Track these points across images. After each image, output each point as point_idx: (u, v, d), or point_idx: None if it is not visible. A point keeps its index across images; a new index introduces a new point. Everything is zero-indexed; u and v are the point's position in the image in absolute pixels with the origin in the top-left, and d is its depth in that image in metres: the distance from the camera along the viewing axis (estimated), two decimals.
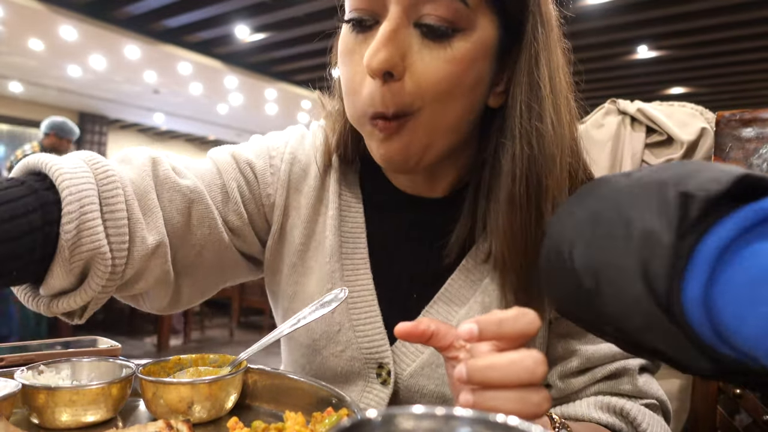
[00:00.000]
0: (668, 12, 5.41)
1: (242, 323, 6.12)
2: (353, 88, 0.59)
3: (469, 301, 0.67)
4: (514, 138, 0.59)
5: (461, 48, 0.56)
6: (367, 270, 0.70)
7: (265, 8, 5.67)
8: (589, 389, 0.66)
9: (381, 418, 0.26)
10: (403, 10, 0.55)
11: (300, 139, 0.76)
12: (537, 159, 0.59)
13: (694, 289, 0.30)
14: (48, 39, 6.49)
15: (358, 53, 0.58)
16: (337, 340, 0.69)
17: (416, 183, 0.70)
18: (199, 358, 0.64)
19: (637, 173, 0.37)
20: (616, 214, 0.34)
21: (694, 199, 0.31)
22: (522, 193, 0.59)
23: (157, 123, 11.23)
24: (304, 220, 0.72)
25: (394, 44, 0.55)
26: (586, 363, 0.65)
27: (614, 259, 0.33)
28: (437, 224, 0.69)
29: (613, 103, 1.36)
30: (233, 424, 0.52)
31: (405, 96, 0.56)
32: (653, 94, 7.97)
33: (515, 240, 0.60)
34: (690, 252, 0.30)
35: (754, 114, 0.84)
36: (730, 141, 0.85)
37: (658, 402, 0.66)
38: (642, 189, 0.34)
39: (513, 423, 0.25)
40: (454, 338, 0.47)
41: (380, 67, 0.54)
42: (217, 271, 0.72)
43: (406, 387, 0.67)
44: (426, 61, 0.56)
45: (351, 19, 0.58)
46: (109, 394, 0.55)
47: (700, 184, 0.31)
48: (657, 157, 1.26)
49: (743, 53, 6.46)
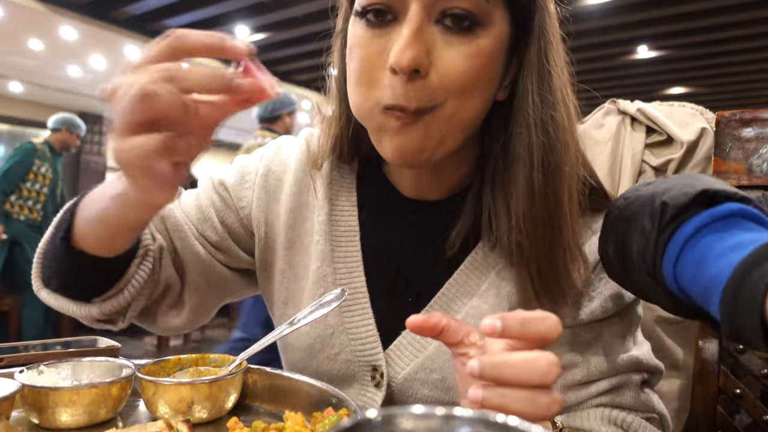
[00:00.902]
0: (668, 12, 5.41)
1: None
2: (367, 80, 0.58)
3: (466, 306, 0.67)
4: (529, 127, 0.59)
5: (483, 42, 0.56)
6: (360, 273, 0.70)
7: (265, 8, 5.66)
8: (592, 401, 0.66)
9: (381, 418, 0.26)
10: (426, 7, 0.55)
11: (275, 151, 0.78)
12: (554, 146, 0.59)
13: (668, 265, 0.48)
14: (48, 39, 6.48)
15: (373, 47, 0.57)
16: (332, 343, 0.69)
17: (420, 182, 0.70)
18: (199, 358, 0.64)
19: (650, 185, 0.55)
20: (632, 213, 0.54)
21: (668, 207, 0.49)
22: (540, 180, 0.59)
23: None
24: (284, 226, 0.73)
25: (421, 41, 0.54)
26: (589, 375, 0.65)
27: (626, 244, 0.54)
28: (435, 227, 0.68)
29: (613, 103, 1.36)
30: (233, 424, 0.52)
31: (430, 92, 0.56)
32: (653, 94, 7.97)
33: (536, 227, 0.60)
34: (666, 242, 0.48)
35: (754, 114, 0.84)
36: (730, 141, 0.85)
37: (658, 416, 0.67)
38: (646, 200, 0.53)
39: (513, 423, 0.25)
40: (465, 335, 0.47)
41: (409, 65, 0.54)
42: (209, 289, 0.76)
43: (400, 390, 0.67)
44: (450, 56, 0.56)
45: (367, 11, 0.57)
46: (109, 394, 0.55)
47: (674, 197, 0.49)
48: (657, 157, 1.25)
49: (743, 53, 6.46)
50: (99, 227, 0.57)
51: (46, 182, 4.27)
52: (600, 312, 0.66)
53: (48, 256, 0.63)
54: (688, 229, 0.47)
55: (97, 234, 0.58)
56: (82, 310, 0.64)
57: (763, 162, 0.82)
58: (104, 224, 0.57)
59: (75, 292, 0.64)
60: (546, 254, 0.61)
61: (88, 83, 8.26)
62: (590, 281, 0.67)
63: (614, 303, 0.66)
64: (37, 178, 4.22)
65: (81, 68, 7.52)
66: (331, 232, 0.71)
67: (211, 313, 0.79)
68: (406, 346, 0.67)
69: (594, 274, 0.67)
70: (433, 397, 0.66)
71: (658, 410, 0.67)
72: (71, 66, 7.48)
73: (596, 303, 0.66)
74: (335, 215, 0.72)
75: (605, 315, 0.66)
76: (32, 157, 4.17)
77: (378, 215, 0.72)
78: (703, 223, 0.46)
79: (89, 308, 0.64)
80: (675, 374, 1.15)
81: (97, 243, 0.59)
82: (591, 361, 0.65)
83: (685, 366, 1.13)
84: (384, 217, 0.72)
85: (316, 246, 0.71)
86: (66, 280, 0.63)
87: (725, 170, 0.85)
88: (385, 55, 0.56)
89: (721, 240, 0.44)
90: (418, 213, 0.71)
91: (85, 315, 0.64)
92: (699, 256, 0.45)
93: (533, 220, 0.60)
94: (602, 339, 0.67)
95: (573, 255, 0.62)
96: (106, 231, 0.58)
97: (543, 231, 0.60)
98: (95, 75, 7.76)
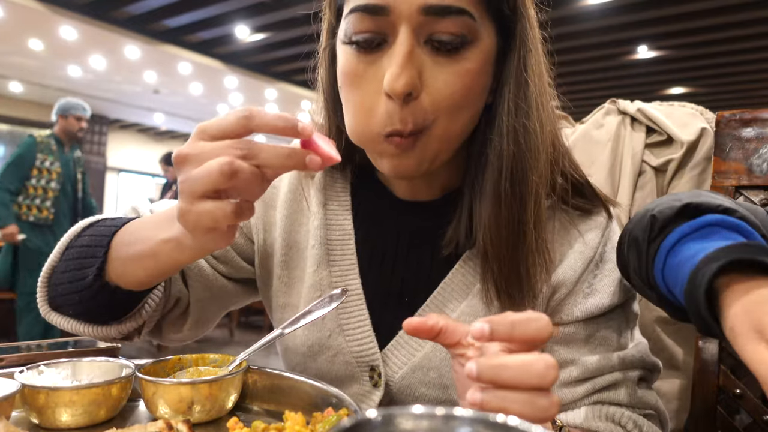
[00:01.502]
0: (668, 12, 5.41)
1: (242, 323, 6.12)
2: (365, 110, 0.59)
3: (461, 305, 0.67)
4: (502, 135, 0.61)
5: (471, 59, 0.57)
6: (355, 275, 0.70)
7: (265, 8, 5.66)
8: (588, 398, 0.66)
9: (381, 418, 0.26)
10: (414, 30, 0.55)
11: None
12: (524, 155, 0.60)
13: (657, 271, 0.55)
14: (48, 39, 6.49)
15: (368, 75, 0.58)
16: (329, 345, 0.70)
17: (415, 187, 0.71)
18: (199, 358, 0.64)
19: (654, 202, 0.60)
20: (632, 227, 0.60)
21: (657, 219, 0.56)
22: (507, 188, 0.60)
23: (157, 123, 11.22)
24: (281, 232, 0.74)
25: (412, 65, 0.55)
26: (585, 372, 0.65)
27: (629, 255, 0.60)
28: (429, 227, 0.69)
29: (613, 103, 1.36)
30: (233, 424, 0.52)
31: (422, 112, 0.57)
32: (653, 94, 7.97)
33: (499, 232, 0.61)
34: (655, 251, 0.55)
35: (754, 114, 0.84)
36: (730, 141, 0.85)
37: (656, 413, 0.67)
38: (642, 214, 0.59)
39: (513, 423, 0.25)
40: (463, 335, 0.47)
41: (404, 90, 0.55)
42: (211, 301, 0.77)
43: (398, 389, 0.68)
44: (440, 77, 0.57)
45: (357, 41, 0.58)
46: (109, 394, 0.55)
47: (661, 210, 0.56)
48: (657, 157, 1.25)
49: (743, 53, 6.46)
50: (144, 268, 0.59)
51: (53, 177, 3.87)
52: (596, 309, 0.66)
53: (65, 286, 0.64)
54: (671, 238, 0.53)
55: (138, 274, 0.60)
56: (99, 332, 0.66)
57: (763, 162, 0.82)
58: (151, 266, 0.58)
59: (93, 318, 0.66)
60: (509, 258, 0.62)
61: (88, 83, 8.26)
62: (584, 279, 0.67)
63: (611, 300, 0.67)
64: (42, 173, 3.83)
65: (81, 68, 7.53)
66: (326, 236, 0.72)
67: (212, 323, 0.81)
68: (403, 346, 0.68)
69: (588, 271, 0.67)
70: (430, 395, 0.67)
71: (655, 407, 0.67)
72: (71, 66, 7.48)
73: (593, 300, 0.66)
74: (329, 220, 0.73)
75: (601, 312, 0.66)
76: (34, 150, 3.80)
77: (372, 218, 0.73)
78: (684, 233, 0.52)
79: (107, 330, 0.67)
80: (675, 374, 1.15)
81: (136, 281, 0.61)
82: (587, 359, 0.66)
83: (685, 366, 1.13)
84: (378, 220, 0.73)
85: (312, 251, 0.72)
86: (87, 308, 0.64)
87: (725, 170, 0.85)
88: (378, 81, 0.57)
89: (698, 246, 0.50)
90: (412, 214, 0.71)
91: (103, 336, 0.67)
92: (678, 260, 0.51)
93: (498, 224, 0.61)
94: (598, 336, 0.67)
95: (535, 260, 0.62)
96: (154, 271, 0.59)
97: (507, 235, 0.61)
98: (95, 75, 7.76)
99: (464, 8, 0.55)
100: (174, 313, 0.75)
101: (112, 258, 0.61)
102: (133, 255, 0.59)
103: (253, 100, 8.82)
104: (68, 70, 7.62)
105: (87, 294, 0.62)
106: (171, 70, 7.37)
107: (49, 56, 7.10)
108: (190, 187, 0.47)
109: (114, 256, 0.61)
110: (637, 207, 1.25)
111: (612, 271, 0.68)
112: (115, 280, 0.62)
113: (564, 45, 6.25)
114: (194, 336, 0.79)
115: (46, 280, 0.66)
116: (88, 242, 0.64)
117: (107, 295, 0.63)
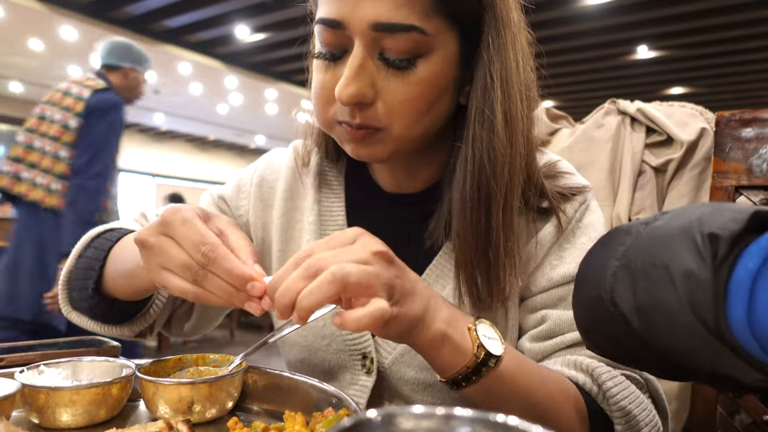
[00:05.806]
0: (668, 12, 5.42)
1: (242, 323, 6.12)
2: (322, 103, 0.63)
3: (445, 289, 0.69)
4: (467, 142, 0.62)
5: (425, 70, 0.59)
6: None
7: (265, 8, 5.67)
8: (559, 353, 0.66)
9: (381, 418, 0.26)
10: (367, 44, 0.58)
11: (268, 161, 0.83)
12: (486, 164, 0.61)
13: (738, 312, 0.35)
14: (48, 39, 6.49)
15: (327, 76, 0.62)
16: (323, 334, 0.73)
17: (397, 177, 0.74)
18: (200, 357, 0.65)
19: (652, 223, 0.43)
20: (649, 261, 0.40)
21: (720, 238, 0.36)
22: (472, 194, 0.61)
23: (158, 123, 11.22)
24: (278, 229, 0.77)
25: (362, 76, 0.58)
26: (555, 328, 0.66)
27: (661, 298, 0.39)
28: (414, 219, 0.72)
29: (613, 103, 1.36)
30: (233, 424, 0.52)
31: (376, 117, 0.60)
32: (653, 94, 7.97)
33: (466, 239, 0.62)
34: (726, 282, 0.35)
35: (754, 114, 0.84)
36: (730, 141, 0.85)
37: (642, 379, 0.65)
38: (668, 237, 0.40)
39: (513, 423, 0.25)
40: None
41: (349, 101, 0.58)
42: None
43: (389, 374, 0.70)
44: (393, 87, 0.59)
45: (321, 52, 0.62)
46: (109, 394, 0.55)
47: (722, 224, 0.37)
48: (657, 157, 1.26)
49: (743, 53, 6.47)
50: (129, 285, 0.66)
51: None
52: (571, 277, 0.67)
53: (77, 293, 0.72)
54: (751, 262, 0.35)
55: (126, 290, 0.67)
56: (113, 331, 0.73)
57: (763, 162, 0.82)
58: (134, 285, 0.65)
59: (105, 319, 0.73)
60: (478, 261, 0.63)
61: None
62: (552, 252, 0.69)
63: None
64: None
65: (81, 68, 7.52)
66: (320, 231, 0.75)
67: (214, 321, 0.84)
68: None
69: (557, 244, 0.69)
70: (419, 378, 0.69)
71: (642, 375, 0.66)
72: (71, 66, 7.48)
73: (568, 266, 0.67)
74: (324, 215, 0.76)
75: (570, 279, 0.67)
76: None
77: (363, 211, 0.76)
78: None
79: (120, 329, 0.74)
80: None
81: (125, 294, 0.68)
82: (559, 315, 0.67)
83: None
84: (368, 212, 0.76)
85: (307, 245, 0.72)
86: (96, 312, 0.72)
87: (725, 170, 0.85)
88: (334, 86, 0.59)
89: None
90: (397, 206, 0.74)
91: (118, 335, 0.74)
92: None
93: (464, 228, 0.62)
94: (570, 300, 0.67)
95: (503, 263, 0.63)
96: (139, 288, 0.65)
97: (475, 240, 0.62)
98: None
99: (413, 24, 0.56)
100: (181, 309, 0.80)
101: (105, 272, 0.69)
102: (120, 272, 0.66)
103: (253, 100, 8.82)
104: (68, 70, 7.61)
105: (92, 302, 0.70)
106: (171, 70, 7.37)
107: (49, 56, 7.10)
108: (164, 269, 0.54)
109: (107, 271, 0.68)
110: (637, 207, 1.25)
111: (584, 244, 0.68)
112: (110, 293, 0.69)
113: (564, 45, 6.25)
114: (197, 331, 0.83)
115: (66, 283, 0.74)
116: (91, 254, 0.71)
117: (108, 305, 0.70)
